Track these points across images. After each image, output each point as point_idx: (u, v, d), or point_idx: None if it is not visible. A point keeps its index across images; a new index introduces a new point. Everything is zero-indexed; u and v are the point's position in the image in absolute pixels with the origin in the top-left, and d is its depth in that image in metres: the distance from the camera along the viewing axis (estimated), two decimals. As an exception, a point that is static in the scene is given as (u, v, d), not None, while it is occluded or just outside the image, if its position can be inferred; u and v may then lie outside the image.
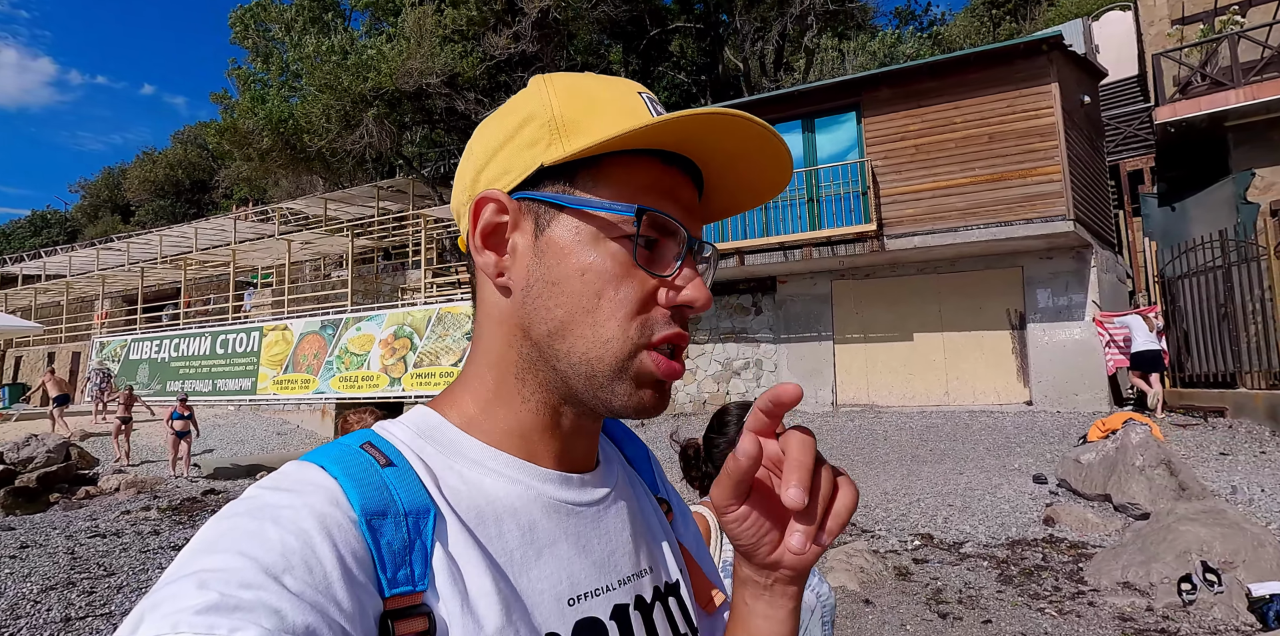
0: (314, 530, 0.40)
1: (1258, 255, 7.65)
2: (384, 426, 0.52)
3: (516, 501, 0.50)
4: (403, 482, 0.46)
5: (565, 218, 0.50)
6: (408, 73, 15.69)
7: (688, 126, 0.47)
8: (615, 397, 0.49)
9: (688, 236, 0.50)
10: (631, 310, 0.49)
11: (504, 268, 0.51)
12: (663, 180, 0.50)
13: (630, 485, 0.61)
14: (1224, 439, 7.37)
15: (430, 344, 14.50)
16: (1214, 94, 10.51)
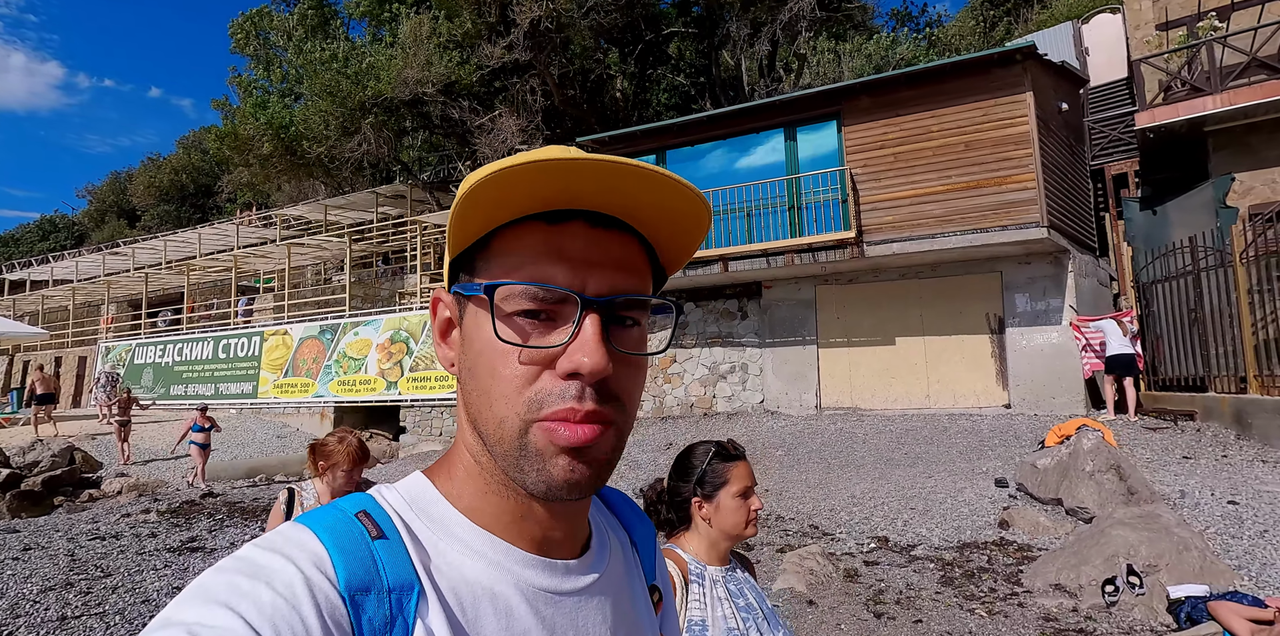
0: (303, 598, 0.41)
1: (1225, 261, 7.81)
2: (380, 492, 0.53)
3: (496, 585, 0.50)
4: (391, 557, 0.46)
5: (470, 305, 0.51)
6: (404, 81, 15.95)
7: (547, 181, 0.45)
8: (527, 477, 0.49)
9: (580, 297, 0.47)
10: (517, 385, 0.48)
11: (452, 359, 0.54)
12: (549, 242, 0.48)
13: (626, 572, 0.60)
14: (1190, 442, 7.53)
15: (426, 348, 14.76)
16: (1193, 100, 10.64)
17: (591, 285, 0.48)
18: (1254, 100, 10.15)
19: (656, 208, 0.49)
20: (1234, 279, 7.65)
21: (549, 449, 0.48)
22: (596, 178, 0.45)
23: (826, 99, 10.23)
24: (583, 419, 0.47)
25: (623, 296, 0.49)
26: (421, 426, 14.74)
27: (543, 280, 0.47)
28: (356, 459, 2.66)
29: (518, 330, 0.48)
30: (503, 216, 0.48)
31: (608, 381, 0.48)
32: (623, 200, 0.48)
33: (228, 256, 20.77)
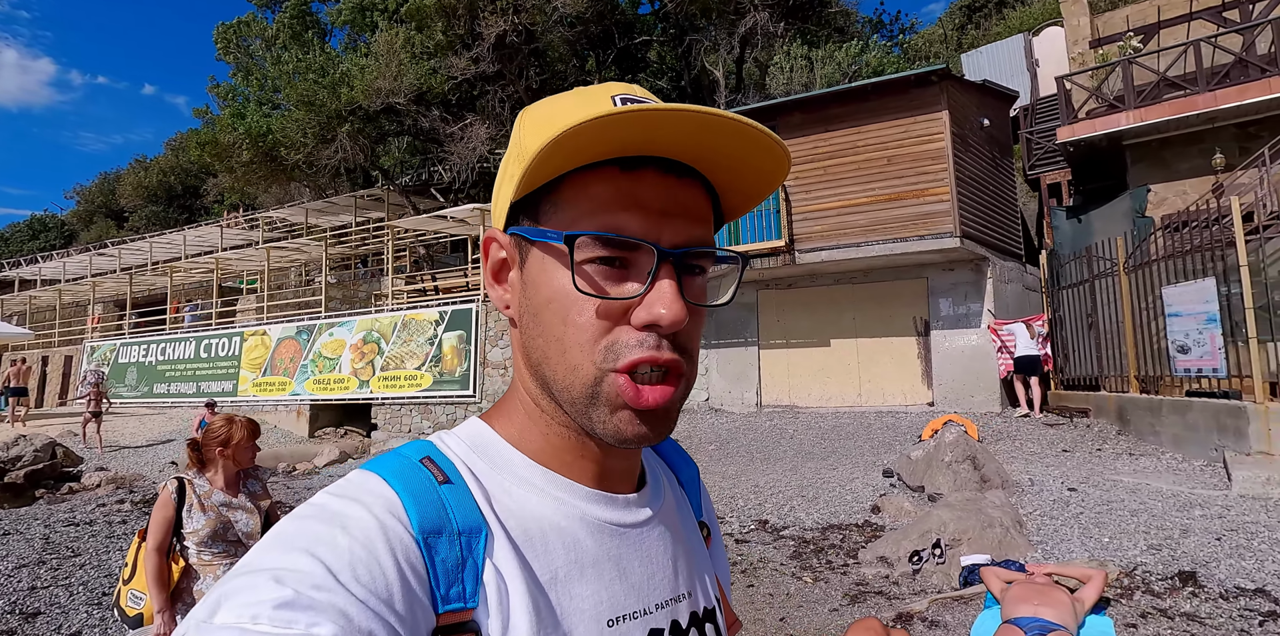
0: (379, 542, 0.43)
1: (1112, 271, 8.49)
2: (441, 438, 0.54)
3: (562, 520, 0.51)
4: (458, 501, 0.48)
5: (534, 250, 0.51)
6: (376, 91, 16.54)
7: (617, 126, 0.44)
8: (595, 424, 0.49)
9: (656, 248, 0.48)
10: (594, 334, 0.48)
11: (507, 301, 0.54)
12: (625, 189, 0.48)
13: (676, 508, 0.61)
14: (1077, 437, 8.23)
15: (396, 348, 15.38)
16: (1108, 115, 11.33)
17: (666, 235, 0.48)
18: (1163, 116, 10.85)
19: (737, 159, 0.49)
20: (1120, 286, 8.33)
21: (616, 401, 0.48)
22: (688, 128, 0.45)
23: (763, 114, 10.88)
24: (663, 364, 0.48)
25: (696, 248, 0.50)
26: (392, 423, 15.37)
27: (618, 229, 0.47)
28: (254, 434, 2.87)
29: (592, 279, 0.48)
30: (580, 161, 0.47)
31: (679, 333, 0.49)
32: (703, 150, 0.48)
33: (209, 259, 21.32)
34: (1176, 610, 3.61)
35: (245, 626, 0.37)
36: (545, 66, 19.51)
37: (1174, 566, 4.10)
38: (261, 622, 0.37)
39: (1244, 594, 3.74)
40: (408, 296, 17.31)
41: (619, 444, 0.50)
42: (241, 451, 2.81)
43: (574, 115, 0.44)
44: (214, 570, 2.75)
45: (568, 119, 0.44)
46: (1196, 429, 6.76)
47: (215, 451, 2.78)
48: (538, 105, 0.53)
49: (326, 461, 14.20)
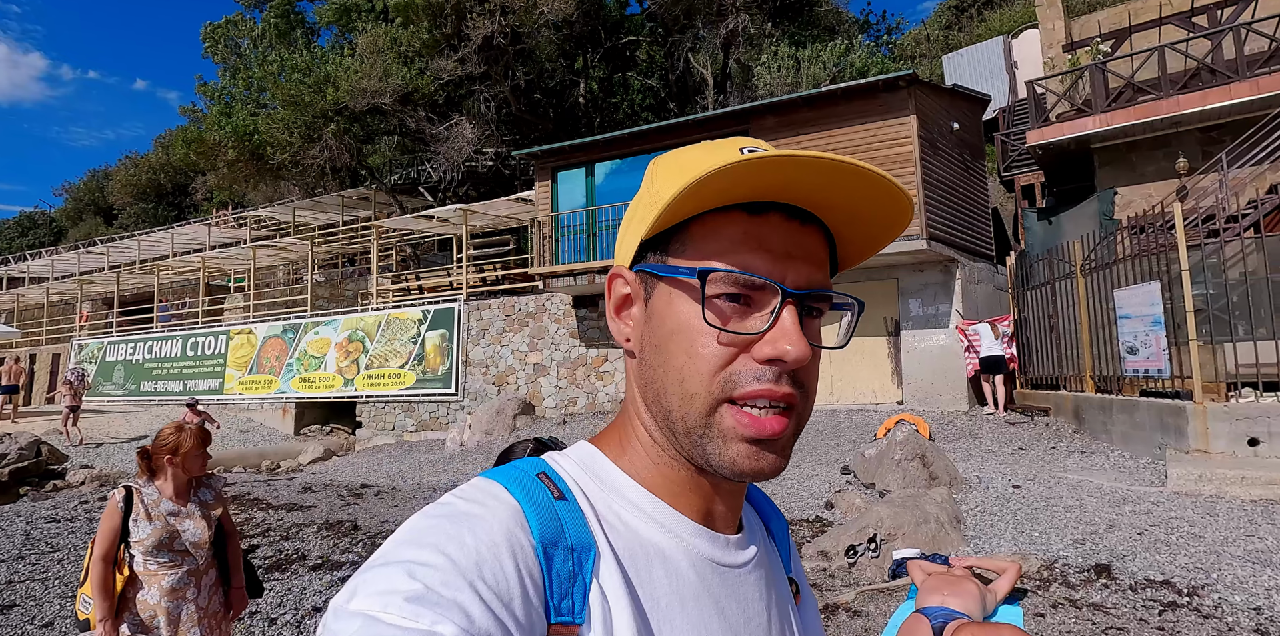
0: (503, 547, 0.44)
1: (1070, 273, 8.71)
2: (554, 458, 0.56)
3: (668, 549, 0.51)
4: (572, 518, 0.49)
5: (661, 285, 0.53)
6: (361, 92, 16.66)
7: (750, 172, 0.46)
8: (710, 455, 0.50)
9: (781, 288, 0.49)
10: (715, 366, 0.49)
11: (628, 334, 0.56)
12: (750, 232, 0.50)
13: (769, 558, 0.61)
14: (1035, 435, 8.45)
15: (380, 347, 15.54)
16: (1076, 120, 11.54)
17: (790, 277, 0.50)
18: (1129, 121, 11.07)
19: (859, 206, 0.51)
20: (1077, 289, 8.56)
21: (733, 433, 0.49)
22: (817, 174, 0.47)
23: (736, 118, 11.07)
24: (780, 399, 0.49)
25: (818, 291, 0.51)
26: (375, 421, 15.54)
27: (745, 268, 0.49)
28: (202, 441, 2.83)
29: (719, 312, 0.50)
30: (711, 204, 0.50)
31: (798, 371, 0.50)
32: (826, 196, 0.50)
33: (196, 258, 21.43)
34: (1086, 600, 3.83)
35: (376, 614, 0.39)
36: (533, 66, 19.63)
37: (1093, 559, 4.32)
38: (391, 613, 0.39)
39: (1151, 585, 3.96)
40: (393, 295, 17.45)
41: (735, 477, 0.50)
42: (190, 459, 2.77)
43: (706, 163, 0.47)
44: (159, 579, 2.72)
45: (700, 167, 0.47)
46: (1143, 427, 6.99)
47: (164, 459, 2.74)
48: (670, 155, 0.55)
49: (311, 459, 14.36)
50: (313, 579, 5.20)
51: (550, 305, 13.71)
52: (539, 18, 15.83)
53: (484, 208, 15.78)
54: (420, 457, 12.92)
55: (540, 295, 13.66)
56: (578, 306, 13.41)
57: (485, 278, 16.41)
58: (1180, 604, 3.72)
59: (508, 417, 12.99)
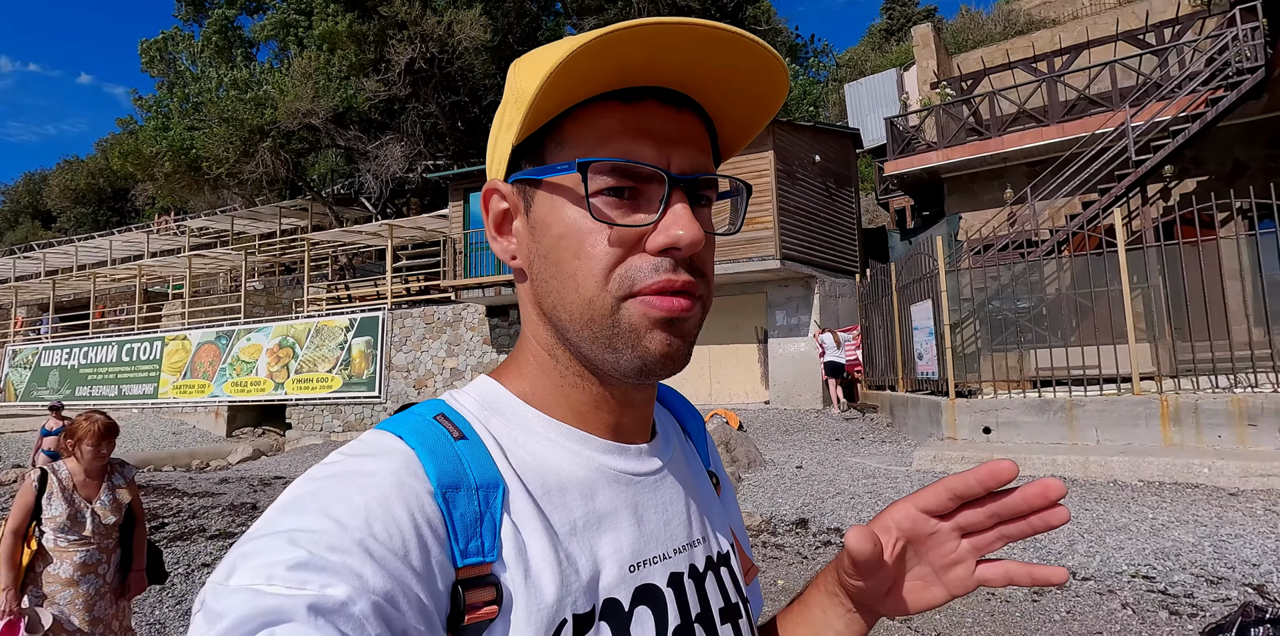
0: (395, 499, 0.43)
1: (889, 290, 10.25)
2: (454, 396, 0.54)
3: (578, 472, 0.51)
4: (474, 456, 0.48)
5: (540, 192, 0.50)
6: (295, 111, 17.61)
7: (614, 48, 0.44)
8: (621, 356, 0.49)
9: (667, 175, 0.48)
10: (608, 263, 0.48)
11: (514, 251, 0.53)
12: (629, 121, 0.48)
13: (685, 457, 0.62)
14: (857, 428, 9.95)
15: (309, 353, 16.50)
16: (925, 153, 13.19)
17: (675, 163, 0.48)
18: (966, 155, 12.73)
19: (734, 80, 0.49)
20: (893, 303, 10.10)
21: (644, 322, 0.48)
22: (687, 42, 0.45)
23: (624, 150, 12.42)
24: (680, 288, 0.48)
25: (705, 175, 0.50)
26: (305, 423, 16.49)
27: (629, 157, 0.47)
28: (101, 435, 2.96)
29: (606, 208, 0.48)
30: (581, 94, 0.47)
31: (694, 258, 0.49)
32: (699, 73, 0.48)
33: (134, 266, 21.98)
34: (773, 543, 5.22)
35: (260, 587, 0.37)
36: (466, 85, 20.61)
37: (799, 516, 5.73)
38: (275, 583, 0.37)
39: (827, 532, 5.37)
40: (325, 304, 18.39)
41: (644, 367, 0.49)
42: (83, 447, 2.92)
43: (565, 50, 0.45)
44: (69, 556, 2.89)
45: (561, 55, 0.44)
46: (924, 420, 8.51)
47: (69, 444, 2.96)
48: (529, 54, 0.51)
49: (240, 458, 15.25)
50: (208, 544, 6.34)
51: (466, 314, 14.89)
52: (458, 44, 16.98)
53: (409, 223, 16.89)
54: (343, 456, 13.95)
55: (458, 305, 14.82)
56: (490, 316, 14.62)
57: (409, 288, 17.49)
58: (834, 542, 5.13)
59: (424, 418, 14.10)
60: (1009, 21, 21.49)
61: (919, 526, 0.52)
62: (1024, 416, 7.30)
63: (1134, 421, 6.81)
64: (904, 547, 0.53)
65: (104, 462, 3.01)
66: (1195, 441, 6.54)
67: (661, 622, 0.51)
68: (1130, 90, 11.59)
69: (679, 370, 0.50)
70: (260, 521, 0.43)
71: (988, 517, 0.50)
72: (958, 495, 0.49)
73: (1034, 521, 0.48)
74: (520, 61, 0.51)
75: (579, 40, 0.44)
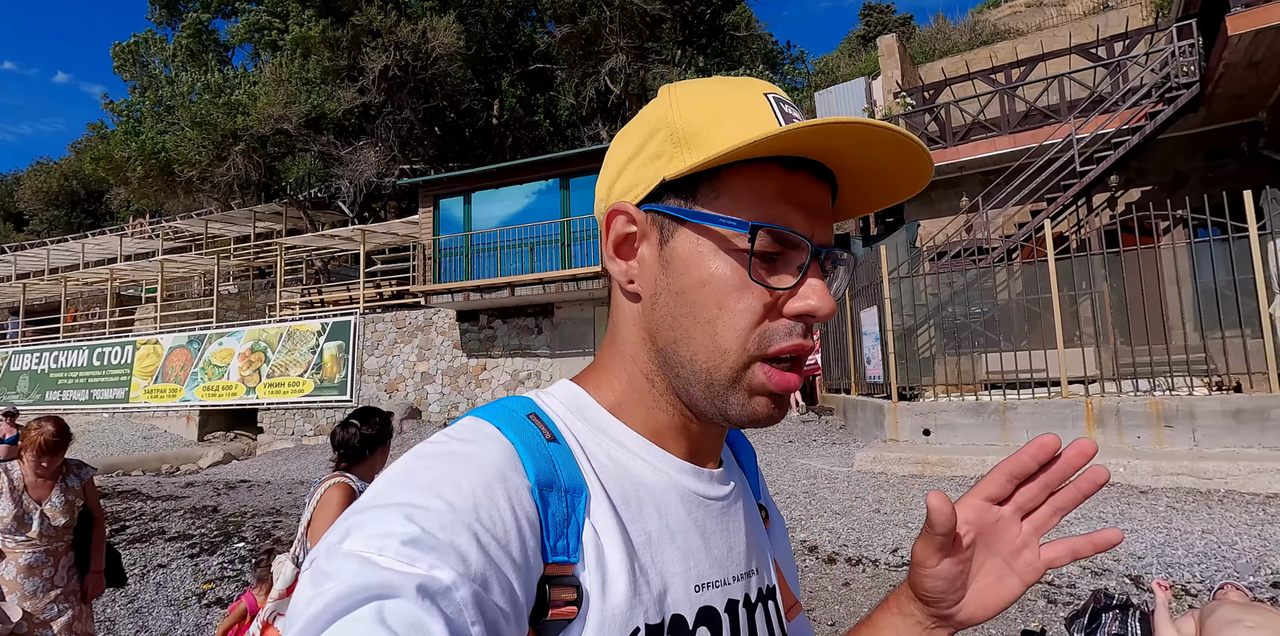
0: (498, 489, 0.45)
1: (843, 296, 10.56)
2: (540, 397, 0.56)
3: (657, 487, 0.53)
4: (564, 460, 0.50)
5: (686, 231, 0.52)
6: (267, 117, 17.68)
7: (809, 135, 0.47)
8: (730, 407, 0.52)
9: (811, 245, 0.51)
10: (751, 322, 0.50)
11: (633, 276, 0.55)
12: (786, 187, 0.51)
13: (743, 488, 0.63)
14: (812, 430, 10.24)
15: (281, 357, 16.58)
16: (885, 163, 13.54)
17: (818, 235, 0.52)
18: (924, 165, 13.10)
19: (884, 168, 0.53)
20: (846, 309, 10.41)
21: (762, 388, 0.51)
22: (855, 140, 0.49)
23: (590, 157, 12.67)
24: (809, 350, 0.52)
25: (836, 250, 0.54)
26: (276, 427, 16.56)
27: (783, 224, 0.50)
28: (42, 450, 2.91)
29: (759, 269, 0.51)
30: (749, 155, 0.50)
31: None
32: (853, 159, 0.52)
33: (106, 270, 21.91)
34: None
35: (371, 556, 0.39)
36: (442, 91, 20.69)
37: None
38: (387, 555, 0.39)
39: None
40: (299, 308, 18.47)
41: (747, 424, 0.52)
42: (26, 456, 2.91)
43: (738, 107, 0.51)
44: (16, 557, 2.91)
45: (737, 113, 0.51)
46: (870, 422, 8.81)
47: (20, 446, 2.98)
48: (690, 87, 0.54)
49: (210, 463, 15.30)
50: (165, 547, 6.49)
51: (437, 319, 15.05)
52: (432, 51, 17.15)
53: (383, 228, 17.02)
54: (314, 459, 14.05)
55: (429, 310, 14.98)
56: (461, 320, 14.80)
57: (381, 292, 17.62)
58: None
59: (394, 422, 14.25)
60: (975, 32, 21.98)
61: (984, 515, 0.53)
62: (961, 419, 7.62)
63: (1062, 423, 7.14)
64: (974, 541, 0.53)
65: (51, 472, 2.98)
66: (1118, 442, 6.88)
67: None
68: (1079, 102, 12.01)
69: (776, 423, 0.54)
70: (372, 491, 0.45)
71: (1042, 490, 0.52)
72: (1014, 475, 0.51)
73: (1081, 484, 0.51)
74: (682, 93, 0.54)
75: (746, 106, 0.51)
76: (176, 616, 4.77)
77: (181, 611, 4.85)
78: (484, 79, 23.02)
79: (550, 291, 12.68)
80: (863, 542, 5.11)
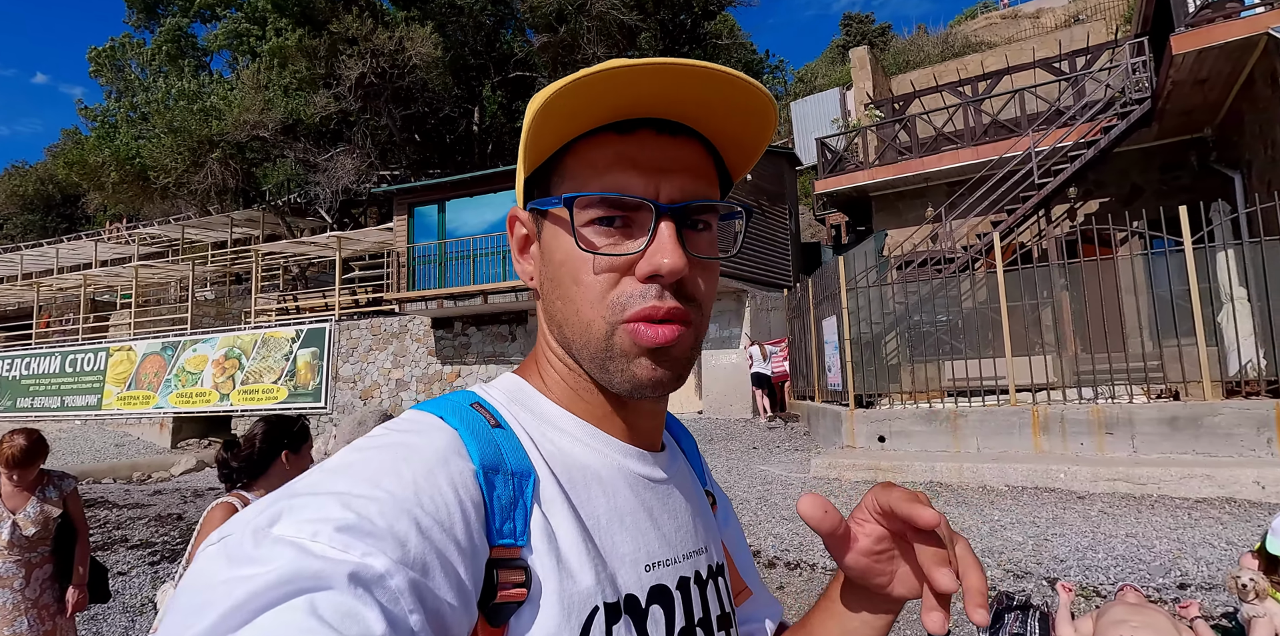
0: (440, 474, 0.44)
1: (809, 306, 10.78)
2: (484, 388, 0.57)
3: (601, 469, 0.54)
4: (509, 445, 0.50)
5: (546, 221, 0.55)
6: (243, 123, 17.71)
7: (610, 89, 0.47)
8: (614, 376, 0.53)
9: (654, 204, 0.50)
10: (602, 290, 0.52)
11: (531, 273, 0.58)
12: (621, 152, 0.51)
13: (688, 473, 0.65)
14: (777, 436, 10.42)
15: (255, 364, 16.57)
16: (854, 172, 13.81)
17: (664, 191, 0.51)
18: (891, 176, 13.37)
19: (722, 109, 0.51)
20: (809, 318, 10.62)
21: (633, 349, 0.51)
22: (665, 80, 0.48)
23: (562, 168, 12.83)
24: (664, 316, 0.51)
25: (695, 202, 0.52)
26: (250, 433, 16.50)
27: (618, 189, 0.51)
28: (11, 463, 2.89)
29: (592, 238, 0.51)
30: (575, 129, 0.51)
31: (684, 283, 0.52)
32: (689, 105, 0.51)
33: (80, 275, 21.76)
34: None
35: (304, 542, 0.38)
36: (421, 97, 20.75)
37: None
38: (320, 541, 0.38)
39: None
40: (274, 314, 18.45)
41: (634, 390, 0.53)
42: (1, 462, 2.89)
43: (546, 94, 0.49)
44: None
45: (543, 98, 0.49)
46: (831, 429, 9.00)
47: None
48: (541, 90, 0.53)
49: (183, 470, 15.24)
50: (127, 554, 6.55)
51: (412, 326, 15.13)
52: (408, 60, 17.26)
53: (359, 235, 17.08)
54: (287, 466, 14.08)
55: (404, 317, 15.05)
56: (435, 327, 14.88)
57: (357, 299, 17.65)
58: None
59: (369, 428, 14.07)
60: (947, 44, 22.39)
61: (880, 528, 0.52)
62: (914, 426, 7.83)
63: (1009, 430, 7.37)
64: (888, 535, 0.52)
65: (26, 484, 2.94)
66: (1061, 448, 7.11)
67: (670, 623, 0.53)
68: (1039, 116, 12.33)
69: (669, 392, 0.54)
70: (306, 480, 0.44)
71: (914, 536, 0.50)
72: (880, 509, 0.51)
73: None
74: (532, 99, 0.54)
75: (555, 85, 0.49)
76: (131, 622, 4.85)
77: (136, 618, 4.93)
78: (465, 86, 23.16)
79: (523, 299, 12.80)
80: (804, 547, 5.28)
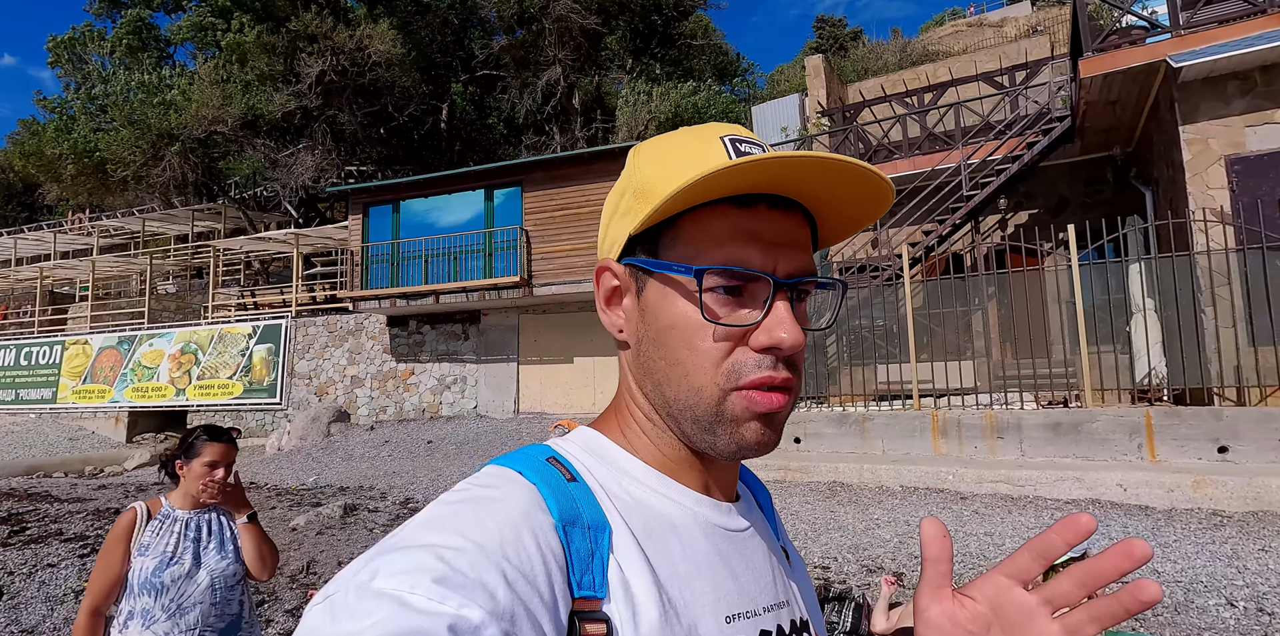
0: (523, 527, 0.46)
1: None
2: (558, 444, 0.58)
3: (678, 519, 0.55)
4: (585, 498, 0.51)
5: (653, 280, 0.56)
6: (201, 118, 17.74)
7: (746, 172, 0.49)
8: (718, 440, 0.54)
9: (772, 279, 0.53)
10: (717, 358, 0.53)
11: (620, 326, 0.59)
12: (741, 224, 0.53)
13: (764, 525, 0.65)
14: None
15: (211, 359, 16.67)
16: (799, 181, 14.24)
17: (781, 266, 0.54)
18: (834, 184, 13.81)
19: (843, 196, 0.55)
20: (747, 322, 11.03)
21: (745, 415, 0.53)
22: (806, 171, 0.51)
23: (512, 171, 13.13)
24: (779, 383, 0.53)
25: (807, 278, 0.55)
26: (205, 428, 16.62)
27: (738, 262, 0.52)
28: None
29: (715, 307, 0.53)
30: (700, 200, 0.53)
31: (791, 354, 0.54)
32: (812, 187, 0.54)
33: (37, 267, 21.61)
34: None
35: (403, 595, 0.39)
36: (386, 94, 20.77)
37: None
38: (419, 593, 0.40)
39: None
40: (234, 310, 18.52)
41: (739, 452, 0.54)
42: None
43: (691, 154, 0.54)
44: None
45: (688, 160, 0.53)
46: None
47: None
48: (651, 144, 0.57)
49: (136, 464, 15.35)
50: (60, 547, 6.78)
51: (368, 324, 15.34)
52: (368, 58, 17.39)
53: (317, 233, 17.22)
54: (241, 461, 14.23)
55: (360, 314, 15.25)
56: (391, 325, 15.11)
57: (315, 296, 17.79)
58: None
59: (322, 424, 14.49)
60: (905, 53, 22.90)
61: (1004, 594, 0.47)
62: (826, 428, 8.26)
63: (912, 434, 7.82)
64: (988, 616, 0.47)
65: None
66: (958, 451, 7.58)
67: None
68: (972, 129, 12.83)
69: (768, 452, 0.55)
70: (398, 535, 0.45)
71: (1076, 587, 0.45)
72: (1040, 554, 0.46)
73: (1123, 598, 0.42)
74: (643, 151, 0.58)
75: (701, 153, 0.53)
76: (50, 611, 5.11)
77: (56, 607, 5.20)
78: (433, 83, 23.20)
79: (473, 299, 13.09)
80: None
